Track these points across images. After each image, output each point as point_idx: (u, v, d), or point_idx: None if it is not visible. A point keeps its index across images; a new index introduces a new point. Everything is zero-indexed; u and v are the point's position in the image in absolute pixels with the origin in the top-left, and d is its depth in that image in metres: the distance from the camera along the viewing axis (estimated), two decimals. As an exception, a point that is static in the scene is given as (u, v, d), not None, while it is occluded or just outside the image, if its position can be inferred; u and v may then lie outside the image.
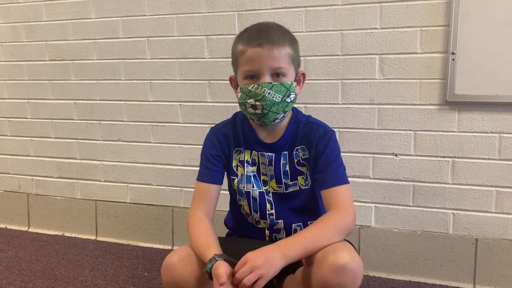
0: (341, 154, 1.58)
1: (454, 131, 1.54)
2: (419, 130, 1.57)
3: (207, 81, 1.79)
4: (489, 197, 1.53)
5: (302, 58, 1.48)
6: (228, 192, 1.33)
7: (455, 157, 1.54)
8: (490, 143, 1.50)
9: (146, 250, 1.89)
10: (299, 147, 1.26)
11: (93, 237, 2.04)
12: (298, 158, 1.26)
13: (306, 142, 1.25)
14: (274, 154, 1.25)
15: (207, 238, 1.16)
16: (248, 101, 1.15)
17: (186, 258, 1.12)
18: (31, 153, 2.12)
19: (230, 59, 1.72)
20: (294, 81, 1.18)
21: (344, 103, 1.64)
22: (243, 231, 1.32)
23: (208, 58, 1.78)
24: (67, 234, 2.08)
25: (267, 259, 1.01)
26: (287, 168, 1.26)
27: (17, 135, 2.13)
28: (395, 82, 1.57)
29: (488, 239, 1.54)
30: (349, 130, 1.64)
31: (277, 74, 1.14)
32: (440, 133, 1.55)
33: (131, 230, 1.97)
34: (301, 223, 1.26)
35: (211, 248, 1.10)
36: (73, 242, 1.99)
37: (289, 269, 1.21)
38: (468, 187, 1.54)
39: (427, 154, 1.57)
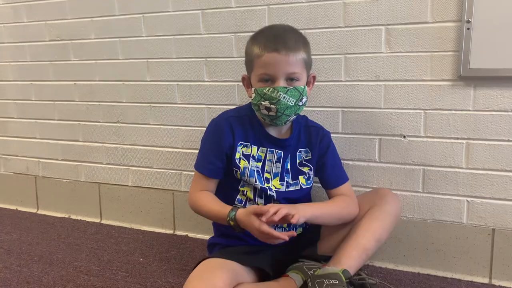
0: (345, 135, 1.51)
1: (469, 110, 1.37)
2: (429, 109, 1.41)
3: (203, 59, 1.69)
4: (508, 183, 1.36)
5: (302, 31, 1.35)
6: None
7: (470, 138, 1.38)
8: (510, 122, 1.33)
9: (147, 234, 1.85)
10: (302, 149, 1.34)
11: (97, 220, 2.02)
12: (300, 159, 1.34)
13: (308, 145, 1.34)
14: (283, 152, 1.31)
15: (219, 202, 1.27)
16: (263, 103, 1.20)
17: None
18: (37, 135, 2.11)
19: (226, 35, 1.66)
20: (306, 84, 1.24)
21: (347, 80, 1.50)
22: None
23: (204, 34, 1.67)
24: (73, 217, 2.07)
25: (294, 206, 1.16)
26: (289, 166, 1.32)
27: (23, 117, 2.12)
28: (403, 55, 1.42)
29: (506, 230, 1.38)
30: (353, 109, 1.50)
31: (291, 79, 1.19)
32: (453, 112, 1.39)
33: (134, 213, 1.93)
34: None
35: (227, 206, 1.22)
36: (77, 225, 1.98)
37: (287, 263, 1.32)
38: (484, 172, 1.38)
39: (439, 135, 1.42)
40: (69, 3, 1.90)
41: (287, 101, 1.18)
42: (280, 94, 1.18)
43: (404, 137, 1.46)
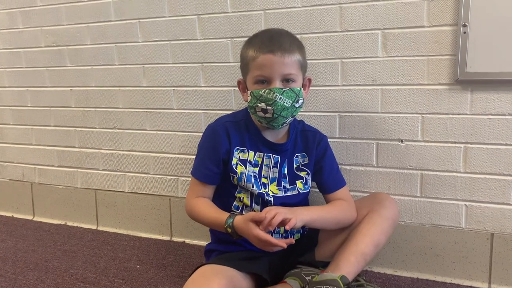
0: (342, 140, 1.50)
1: (466, 114, 1.37)
2: (427, 113, 1.41)
3: (200, 64, 1.68)
4: (506, 187, 1.36)
5: (298, 36, 1.35)
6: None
7: (467, 142, 1.38)
8: (508, 126, 1.33)
9: (144, 241, 1.83)
10: (299, 154, 1.33)
11: (94, 227, 2.00)
12: (297, 164, 1.33)
13: (305, 149, 1.33)
14: (279, 157, 1.30)
15: (216, 208, 1.26)
16: (259, 105, 1.19)
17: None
18: (33, 141, 2.09)
19: (222, 40, 1.65)
20: (301, 86, 1.23)
21: (344, 85, 1.49)
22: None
23: (200, 39, 1.67)
24: (70, 224, 2.05)
25: (291, 210, 1.14)
26: (286, 171, 1.31)
27: (19, 123, 2.11)
28: (399, 60, 1.41)
29: (505, 234, 1.38)
30: (350, 114, 1.50)
31: (287, 80, 1.19)
32: (451, 116, 1.38)
33: (131, 220, 1.92)
34: None
35: (224, 213, 1.21)
36: (74, 232, 1.96)
37: (285, 269, 1.30)
38: (482, 176, 1.38)
39: (436, 139, 1.41)
40: (65, 9, 1.89)
41: (283, 102, 1.18)
42: (276, 95, 1.17)
43: (402, 141, 1.45)
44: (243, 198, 1.30)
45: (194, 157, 1.37)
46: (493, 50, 1.29)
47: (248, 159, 1.29)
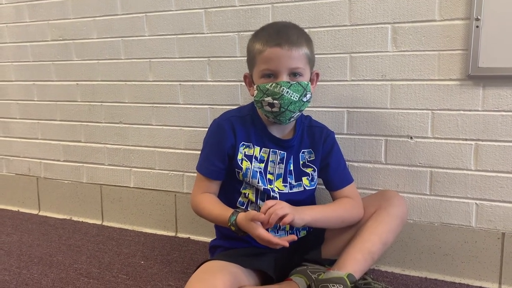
0: (350, 136, 1.48)
1: (478, 110, 1.34)
2: (437, 109, 1.38)
3: (206, 58, 1.66)
4: (518, 186, 1.33)
5: (306, 30, 1.32)
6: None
7: (478, 139, 1.35)
8: (521, 123, 1.30)
9: (149, 237, 1.82)
10: (305, 150, 1.31)
11: (99, 222, 1.99)
12: (304, 160, 1.30)
13: (312, 145, 1.31)
14: (286, 153, 1.28)
15: (221, 205, 1.25)
16: (266, 99, 1.17)
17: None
18: (39, 136, 2.09)
19: (229, 34, 1.63)
20: (309, 81, 1.21)
21: (353, 80, 1.47)
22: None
23: (207, 33, 1.65)
24: (75, 219, 2.05)
25: (295, 208, 1.13)
26: (292, 167, 1.29)
27: (25, 117, 2.11)
28: (409, 54, 1.38)
29: (517, 234, 1.35)
30: (358, 110, 1.47)
31: (294, 74, 1.17)
32: (462, 112, 1.35)
33: (136, 215, 1.91)
34: None
35: (228, 210, 1.19)
36: (79, 227, 1.95)
37: (291, 266, 1.29)
38: (494, 174, 1.35)
39: (447, 136, 1.38)
40: (71, 2, 1.88)
41: (291, 96, 1.15)
42: (283, 89, 1.15)
43: (411, 138, 1.42)
44: (248, 194, 1.28)
45: (200, 152, 1.35)
46: (507, 45, 1.26)
47: (254, 154, 1.27)
